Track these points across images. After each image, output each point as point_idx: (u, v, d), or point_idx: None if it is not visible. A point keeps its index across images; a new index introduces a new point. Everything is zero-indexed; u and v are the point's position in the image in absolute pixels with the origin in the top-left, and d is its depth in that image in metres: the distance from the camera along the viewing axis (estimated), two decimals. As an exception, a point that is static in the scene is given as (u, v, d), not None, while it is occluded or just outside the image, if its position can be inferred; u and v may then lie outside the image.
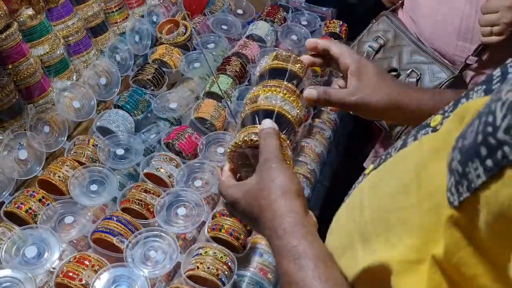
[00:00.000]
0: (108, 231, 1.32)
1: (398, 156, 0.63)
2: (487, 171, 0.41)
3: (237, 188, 0.76)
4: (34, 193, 1.39)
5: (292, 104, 0.86)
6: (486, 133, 0.41)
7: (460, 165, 0.45)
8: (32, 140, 1.48)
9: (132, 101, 1.72)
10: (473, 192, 0.43)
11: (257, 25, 2.09)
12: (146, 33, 1.95)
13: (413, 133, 0.63)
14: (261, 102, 0.84)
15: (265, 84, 0.88)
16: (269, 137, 0.76)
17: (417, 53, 1.66)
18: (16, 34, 1.45)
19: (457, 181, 0.45)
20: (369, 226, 0.59)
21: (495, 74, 0.51)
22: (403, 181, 0.56)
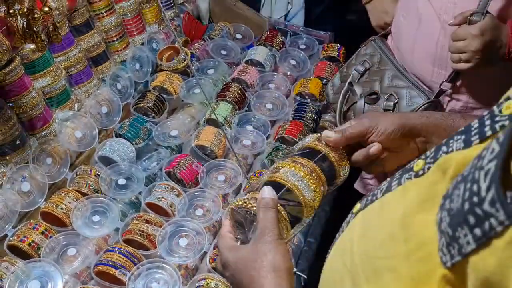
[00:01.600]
0: (110, 264, 1.33)
1: (384, 201, 0.65)
2: (476, 239, 0.43)
3: (233, 251, 0.78)
4: (37, 225, 1.41)
5: (310, 186, 0.86)
6: (472, 203, 0.43)
7: (450, 228, 0.47)
8: (35, 172, 1.50)
9: (133, 130, 1.74)
10: (464, 257, 0.45)
11: (256, 50, 2.12)
12: (146, 60, 1.97)
13: (397, 177, 0.65)
14: (279, 175, 0.86)
15: (294, 160, 0.89)
16: (267, 209, 0.79)
17: (397, 78, 1.69)
18: (19, 68, 1.47)
19: (448, 243, 0.48)
20: (359, 271, 0.61)
21: (473, 125, 0.54)
22: (389, 229, 0.58)
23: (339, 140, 0.91)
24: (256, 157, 1.83)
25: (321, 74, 2.03)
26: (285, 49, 2.16)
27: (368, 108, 1.73)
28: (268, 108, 1.92)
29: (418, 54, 1.65)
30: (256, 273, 0.71)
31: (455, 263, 0.47)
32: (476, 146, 0.51)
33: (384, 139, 0.91)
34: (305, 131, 1.77)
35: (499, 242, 0.41)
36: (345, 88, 1.79)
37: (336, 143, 0.91)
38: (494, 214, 0.41)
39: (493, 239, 0.41)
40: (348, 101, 1.80)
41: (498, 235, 0.41)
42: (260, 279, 0.70)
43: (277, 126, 1.85)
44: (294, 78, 2.11)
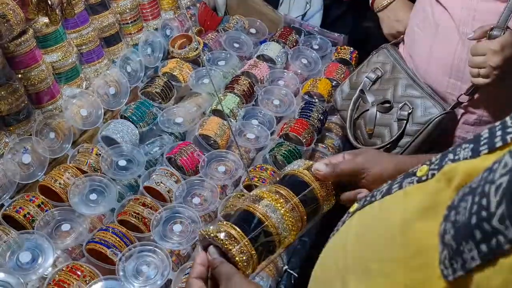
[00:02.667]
0: (103, 243, 1.33)
1: (383, 203, 0.64)
2: (481, 255, 0.42)
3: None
4: (34, 198, 1.41)
5: (288, 225, 0.83)
6: (480, 217, 0.41)
7: (453, 241, 0.46)
8: (37, 145, 1.50)
9: (139, 113, 1.74)
10: (467, 272, 0.44)
11: (268, 46, 2.11)
12: (158, 46, 1.97)
13: (399, 180, 0.64)
14: (259, 208, 0.83)
15: (278, 190, 0.86)
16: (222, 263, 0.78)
17: (411, 87, 1.67)
18: (31, 41, 1.48)
19: (450, 256, 0.46)
20: (350, 271, 0.60)
21: (483, 135, 0.52)
22: (387, 233, 0.57)
23: (329, 175, 0.87)
24: (258, 152, 1.82)
25: (331, 76, 2.02)
26: (298, 48, 2.15)
27: (380, 117, 1.71)
28: (275, 104, 1.91)
29: (434, 65, 1.63)
30: None
31: (457, 278, 0.45)
32: (484, 156, 0.50)
33: (376, 183, 0.85)
34: (310, 130, 1.76)
35: (506, 261, 0.39)
36: (356, 95, 1.77)
37: (326, 178, 0.88)
38: (503, 232, 0.39)
39: (499, 257, 0.40)
40: (358, 108, 1.78)
41: (505, 254, 0.39)
42: None
43: (283, 123, 1.84)
44: (304, 77, 2.11)
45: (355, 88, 1.81)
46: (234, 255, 0.78)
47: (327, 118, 1.92)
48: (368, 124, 1.72)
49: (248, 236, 0.79)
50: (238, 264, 0.78)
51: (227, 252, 0.78)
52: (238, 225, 0.80)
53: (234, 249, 0.78)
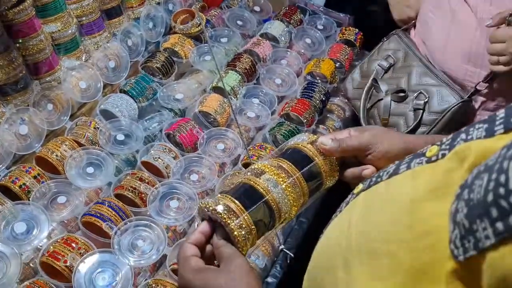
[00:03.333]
0: (98, 216, 1.32)
1: (390, 183, 0.62)
2: (497, 234, 0.40)
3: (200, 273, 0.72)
4: (30, 169, 1.40)
5: (289, 200, 0.80)
6: (497, 194, 0.40)
7: (466, 219, 0.44)
8: (35, 116, 1.48)
9: (139, 88, 1.72)
10: (480, 251, 0.42)
11: (272, 24, 2.07)
12: (160, 20, 1.94)
13: (407, 161, 0.62)
14: (260, 182, 0.79)
15: (280, 164, 0.83)
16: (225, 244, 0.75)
17: (427, 75, 1.63)
18: (30, 9, 1.44)
19: (462, 236, 0.44)
20: (354, 252, 0.58)
21: (498, 115, 0.50)
22: (394, 214, 0.55)
23: (334, 150, 0.84)
24: (258, 131, 1.80)
25: (335, 56, 1.99)
26: (302, 27, 2.11)
27: (395, 106, 1.67)
28: (277, 84, 1.88)
29: (451, 51, 1.59)
30: None
31: (468, 258, 0.44)
32: (499, 136, 0.48)
33: (382, 160, 0.83)
34: (311, 110, 1.74)
35: None
36: (369, 84, 1.73)
37: (331, 153, 0.85)
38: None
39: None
40: (371, 98, 1.74)
41: None
42: None
43: (284, 103, 1.82)
44: (308, 58, 2.08)
45: (366, 77, 1.77)
46: (233, 230, 0.75)
47: (329, 99, 1.90)
48: (383, 114, 1.69)
49: (247, 211, 0.76)
50: (236, 238, 0.75)
51: (226, 226, 0.75)
52: (237, 198, 0.77)
53: (233, 223, 0.75)
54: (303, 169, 0.83)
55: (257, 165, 0.83)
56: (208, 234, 0.77)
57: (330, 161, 0.85)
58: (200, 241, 0.76)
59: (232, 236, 0.75)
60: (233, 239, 0.75)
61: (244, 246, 0.76)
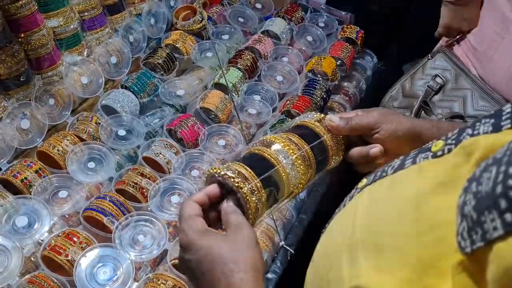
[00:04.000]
0: (100, 210, 1.32)
1: (395, 178, 0.62)
2: (505, 225, 0.40)
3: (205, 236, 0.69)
4: (31, 163, 1.40)
5: (298, 172, 0.80)
6: (506, 185, 0.40)
7: (474, 211, 0.44)
8: (36, 110, 1.49)
9: (140, 84, 1.72)
10: (488, 243, 0.42)
11: (274, 22, 2.08)
12: (162, 16, 1.94)
13: (412, 155, 0.62)
14: (271, 152, 0.79)
15: (290, 137, 0.82)
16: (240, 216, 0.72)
17: (483, 100, 1.51)
18: (32, 4, 1.45)
19: (470, 228, 0.44)
20: (359, 246, 0.58)
21: (505, 110, 0.50)
22: (400, 208, 0.55)
23: (341, 127, 0.85)
24: (259, 128, 1.81)
25: (336, 54, 1.99)
26: (304, 25, 2.12)
27: None
28: (278, 81, 1.89)
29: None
30: (236, 267, 0.66)
31: (476, 249, 0.44)
32: (506, 131, 0.48)
33: (389, 139, 0.84)
34: (312, 108, 1.75)
35: None
36: (417, 105, 1.63)
37: (338, 130, 0.85)
38: None
39: None
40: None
41: None
42: (240, 273, 0.65)
43: (285, 100, 1.82)
44: (309, 55, 2.08)
45: (409, 97, 1.67)
46: (246, 194, 0.72)
47: (330, 97, 1.90)
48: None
49: (259, 178, 0.74)
50: (248, 203, 0.72)
51: (238, 190, 0.72)
52: (248, 165, 0.75)
53: (246, 187, 0.72)
54: (312, 144, 0.82)
55: (267, 137, 0.83)
56: (213, 199, 0.74)
57: (337, 139, 0.86)
58: (204, 202, 0.73)
59: (244, 200, 0.72)
60: (245, 204, 0.72)
61: (254, 212, 0.74)
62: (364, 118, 0.85)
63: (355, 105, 2.04)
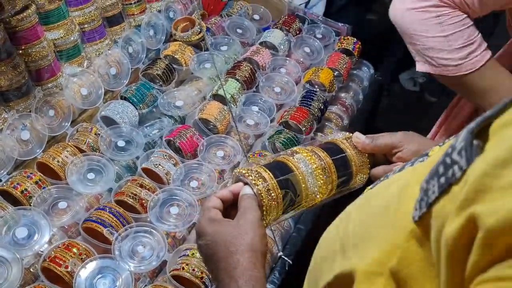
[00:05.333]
0: (99, 222, 1.33)
1: (392, 178, 0.66)
2: (439, 186, 0.45)
3: (214, 223, 0.77)
4: (31, 174, 1.41)
5: (317, 181, 0.84)
6: (446, 153, 0.45)
7: (425, 183, 0.48)
8: (36, 122, 1.50)
9: (139, 95, 1.74)
10: (429, 207, 0.46)
11: (272, 33, 2.10)
12: (161, 28, 1.96)
13: (412, 160, 0.66)
14: (292, 160, 0.84)
15: (314, 150, 0.87)
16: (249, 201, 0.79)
17: None
18: (33, 17, 1.46)
19: (421, 198, 0.49)
20: (350, 238, 0.63)
21: None
22: (387, 201, 0.59)
23: (366, 144, 0.90)
24: (257, 139, 1.82)
25: (333, 65, 2.01)
26: (301, 36, 2.14)
27: None
28: (276, 92, 1.91)
29: None
30: (234, 249, 0.72)
31: (421, 216, 0.48)
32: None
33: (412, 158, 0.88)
34: (309, 119, 1.76)
35: (457, 187, 0.42)
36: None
37: (363, 147, 0.90)
38: (458, 161, 0.42)
39: (452, 185, 0.43)
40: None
41: (457, 181, 0.42)
42: (237, 255, 0.72)
43: (283, 111, 1.84)
44: (306, 66, 2.10)
45: None
46: (260, 191, 0.78)
47: (327, 108, 1.92)
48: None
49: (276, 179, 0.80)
50: (263, 200, 0.78)
51: (253, 187, 0.78)
52: (268, 169, 0.82)
53: (261, 185, 0.78)
54: (334, 157, 0.87)
55: (293, 148, 0.89)
56: (238, 195, 0.81)
57: (362, 157, 0.90)
58: (227, 197, 0.81)
59: (258, 197, 0.79)
60: (259, 200, 0.79)
61: (268, 209, 0.79)
62: (389, 137, 0.90)
63: (352, 116, 2.06)
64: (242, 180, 0.82)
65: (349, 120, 2.02)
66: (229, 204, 0.82)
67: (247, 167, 0.83)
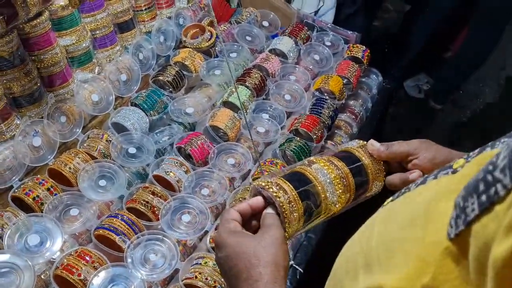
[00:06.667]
0: (112, 229, 1.33)
1: (415, 191, 0.65)
2: (480, 204, 0.44)
3: (235, 235, 0.77)
4: (43, 181, 1.40)
5: (336, 191, 0.85)
6: (487, 170, 0.44)
7: (461, 200, 0.48)
8: (48, 128, 1.50)
9: (150, 101, 1.73)
10: (467, 225, 0.45)
11: (281, 40, 2.10)
12: (171, 34, 1.96)
13: (435, 173, 0.65)
14: (310, 170, 0.85)
15: (331, 159, 0.88)
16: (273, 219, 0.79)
17: None
18: (46, 23, 1.46)
19: (457, 215, 0.48)
20: (373, 252, 0.62)
21: None
22: (412, 215, 0.58)
23: (382, 152, 0.90)
24: (267, 146, 1.82)
25: (343, 73, 2.01)
26: (311, 44, 2.14)
27: None
28: (286, 99, 1.91)
29: None
30: (257, 261, 0.72)
31: (458, 234, 0.47)
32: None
33: (427, 166, 0.88)
34: (320, 126, 1.76)
35: (501, 207, 0.41)
36: None
37: (379, 155, 0.91)
38: (501, 179, 0.41)
39: (495, 204, 0.42)
40: None
41: (500, 200, 0.41)
42: (260, 268, 0.72)
43: (293, 118, 1.84)
44: (315, 74, 2.10)
45: None
46: (282, 203, 0.79)
47: (337, 116, 1.92)
48: None
49: (297, 190, 0.81)
50: (284, 212, 0.78)
51: (275, 199, 0.79)
52: (288, 180, 0.82)
53: (283, 197, 0.79)
54: (351, 166, 0.88)
55: (309, 158, 0.90)
56: (256, 209, 0.82)
57: (377, 164, 0.91)
58: (245, 211, 0.81)
59: (280, 210, 0.79)
60: (281, 213, 0.79)
61: (290, 222, 0.80)
62: (405, 145, 0.90)
63: (361, 123, 2.06)
64: (262, 192, 0.82)
65: (358, 128, 2.01)
66: (247, 218, 0.82)
67: (266, 179, 0.83)
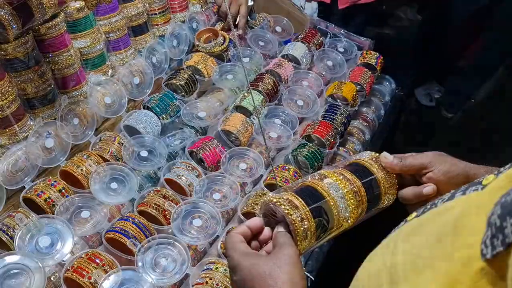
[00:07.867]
0: (123, 233, 1.32)
1: (443, 207, 0.63)
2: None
3: (247, 257, 0.77)
4: (55, 183, 1.40)
5: (348, 206, 0.83)
6: None
7: (498, 219, 0.46)
8: (61, 130, 1.50)
9: (162, 105, 1.73)
10: (507, 247, 0.43)
11: (294, 46, 2.09)
12: (184, 38, 1.96)
13: (463, 189, 0.63)
14: (322, 185, 0.83)
15: (343, 173, 0.86)
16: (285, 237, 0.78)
17: None
18: (62, 25, 1.47)
19: (493, 235, 0.46)
20: (399, 269, 0.60)
21: None
22: (441, 231, 0.56)
23: (395, 165, 0.88)
24: (278, 152, 1.81)
25: (356, 80, 2.00)
26: (324, 50, 2.13)
27: None
28: (299, 105, 1.89)
29: None
30: (273, 282, 0.72)
31: (496, 255, 0.45)
32: None
33: (442, 179, 0.86)
34: (333, 133, 1.75)
35: None
36: None
37: (392, 168, 0.89)
38: None
39: None
40: None
41: None
42: (276, 287, 0.71)
43: (305, 124, 1.82)
44: (328, 80, 2.09)
45: None
46: (294, 221, 0.77)
47: (350, 123, 1.90)
48: None
49: (309, 207, 0.80)
50: (296, 230, 0.77)
51: (287, 217, 0.77)
52: (300, 196, 0.81)
53: (295, 215, 0.78)
54: (364, 180, 0.86)
55: (320, 171, 0.88)
56: (255, 230, 0.82)
57: (390, 177, 0.89)
58: (246, 233, 0.81)
59: (292, 227, 0.78)
60: (293, 230, 0.78)
61: (302, 239, 0.78)
62: (418, 158, 0.88)
63: (374, 130, 2.04)
64: (274, 208, 0.81)
65: (371, 135, 2.00)
66: (248, 240, 0.83)
67: (278, 195, 0.82)
